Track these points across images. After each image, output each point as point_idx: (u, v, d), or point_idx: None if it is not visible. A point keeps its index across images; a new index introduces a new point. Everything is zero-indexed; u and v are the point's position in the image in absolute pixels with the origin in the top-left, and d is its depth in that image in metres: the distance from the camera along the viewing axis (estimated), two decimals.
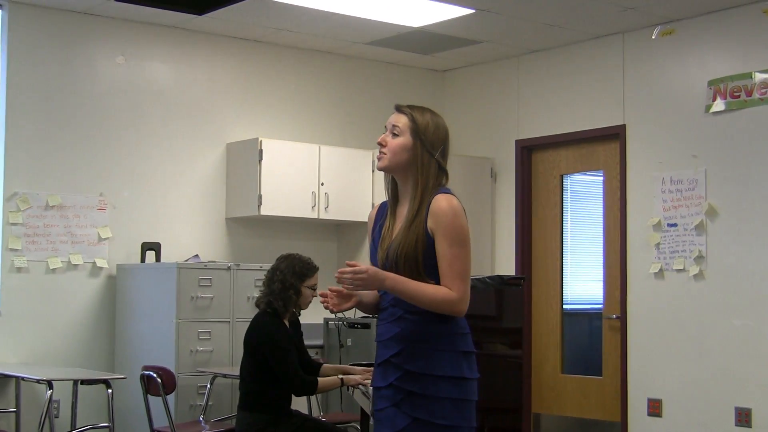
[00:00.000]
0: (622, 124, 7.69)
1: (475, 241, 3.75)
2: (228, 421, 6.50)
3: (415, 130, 3.44)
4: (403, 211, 3.45)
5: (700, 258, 7.12)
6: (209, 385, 6.72)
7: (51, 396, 6.07)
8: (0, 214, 6.97)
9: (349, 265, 3.29)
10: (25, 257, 7.03)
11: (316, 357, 7.17)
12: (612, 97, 7.77)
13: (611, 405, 7.71)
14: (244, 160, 7.74)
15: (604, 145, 7.91)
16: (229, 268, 7.09)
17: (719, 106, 7.07)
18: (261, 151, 7.61)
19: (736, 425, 6.87)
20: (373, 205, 3.59)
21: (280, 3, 7.08)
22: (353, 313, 7.21)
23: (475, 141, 8.72)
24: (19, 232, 7.02)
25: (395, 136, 3.46)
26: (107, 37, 7.47)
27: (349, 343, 7.46)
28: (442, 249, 3.32)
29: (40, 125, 7.17)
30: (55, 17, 7.23)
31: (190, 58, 7.83)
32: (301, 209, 7.79)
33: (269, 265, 5.64)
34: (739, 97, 6.96)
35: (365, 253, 3.65)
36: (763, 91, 6.83)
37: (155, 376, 6.07)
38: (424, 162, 3.43)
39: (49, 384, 6.06)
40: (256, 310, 5.58)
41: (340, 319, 7.48)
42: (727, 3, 6.99)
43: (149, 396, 6.19)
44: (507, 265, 8.40)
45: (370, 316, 3.66)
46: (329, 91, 8.50)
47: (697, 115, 7.21)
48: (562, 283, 8.19)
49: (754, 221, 6.89)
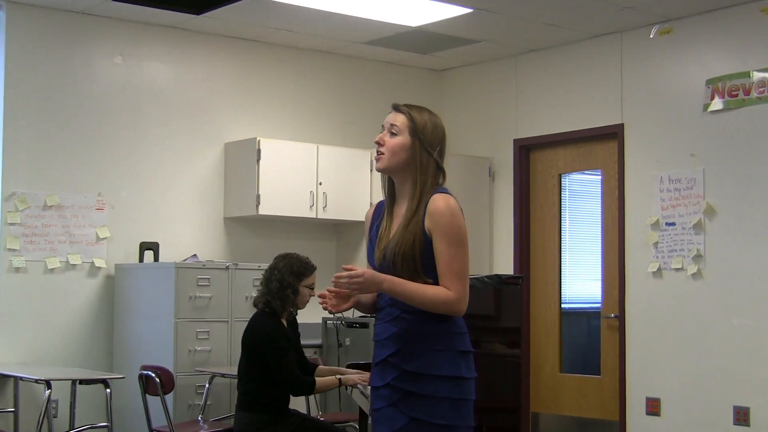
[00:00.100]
0: (621, 123, 7.69)
1: (473, 241, 3.75)
2: (226, 420, 6.49)
3: (414, 129, 3.42)
4: (401, 210, 3.43)
5: (698, 257, 7.12)
6: (208, 385, 6.72)
7: (49, 396, 6.08)
8: None
9: (345, 269, 3.28)
10: (24, 257, 7.03)
11: (314, 357, 7.17)
12: (610, 96, 7.77)
13: (610, 404, 7.71)
14: (243, 159, 7.74)
15: (603, 144, 7.91)
16: (227, 268, 7.09)
17: (717, 105, 7.07)
18: (259, 150, 7.60)
19: (735, 424, 6.87)
20: (371, 204, 3.59)
21: (279, 3, 7.07)
22: (352, 313, 7.19)
23: (473, 140, 8.72)
24: (18, 232, 7.02)
25: (393, 135, 3.43)
26: (106, 37, 7.46)
27: (348, 343, 7.46)
28: (440, 249, 3.31)
29: (38, 125, 7.16)
30: (53, 17, 7.23)
31: (188, 58, 7.83)
32: (300, 209, 7.79)
33: (267, 265, 5.64)
34: (737, 96, 6.96)
35: (363, 253, 3.65)
36: (761, 90, 6.83)
37: (154, 375, 6.06)
38: (423, 161, 3.41)
39: (48, 384, 6.06)
40: (255, 309, 5.58)
41: (339, 318, 7.47)
42: (725, 2, 6.99)
43: (148, 396, 6.19)
44: (505, 265, 8.40)
45: (369, 315, 3.65)
46: (327, 90, 8.50)
47: (695, 114, 7.21)
48: (561, 282, 8.19)
49: (753, 220, 6.89)
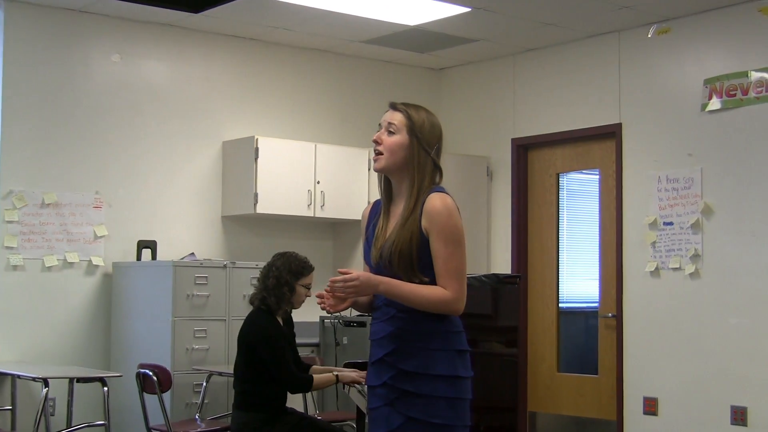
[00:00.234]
0: (618, 122, 7.69)
1: (471, 240, 3.75)
2: (224, 419, 6.49)
3: (412, 127, 3.41)
4: (398, 210, 3.42)
5: (696, 256, 7.12)
6: (205, 383, 6.72)
7: (47, 394, 6.08)
8: None
9: (340, 272, 3.27)
10: (21, 255, 7.03)
11: (312, 356, 7.17)
12: (608, 95, 7.77)
13: (607, 403, 7.71)
14: (240, 158, 7.73)
15: (600, 143, 7.91)
16: (225, 267, 7.08)
17: (715, 104, 7.07)
18: (257, 149, 7.60)
19: (732, 424, 6.87)
20: (369, 203, 3.60)
21: (277, 1, 7.07)
22: (349, 312, 7.16)
23: (471, 139, 8.72)
24: (15, 230, 7.02)
25: (391, 133, 3.42)
26: (103, 35, 7.46)
27: (345, 342, 7.46)
28: (437, 248, 3.30)
29: (36, 123, 7.16)
30: (51, 15, 7.22)
31: (186, 57, 7.83)
32: (297, 207, 7.78)
33: (265, 264, 5.64)
34: (735, 95, 6.96)
35: (361, 252, 3.64)
36: (759, 89, 6.83)
37: (151, 374, 6.07)
38: (420, 160, 3.40)
39: (45, 382, 6.06)
40: (251, 308, 5.57)
41: (336, 317, 7.47)
42: (723, 2, 6.99)
43: (145, 394, 6.19)
44: (503, 264, 8.40)
45: (366, 314, 3.65)
46: (325, 89, 8.49)
47: (693, 113, 7.21)
48: (558, 281, 8.19)
49: (750, 220, 6.89)
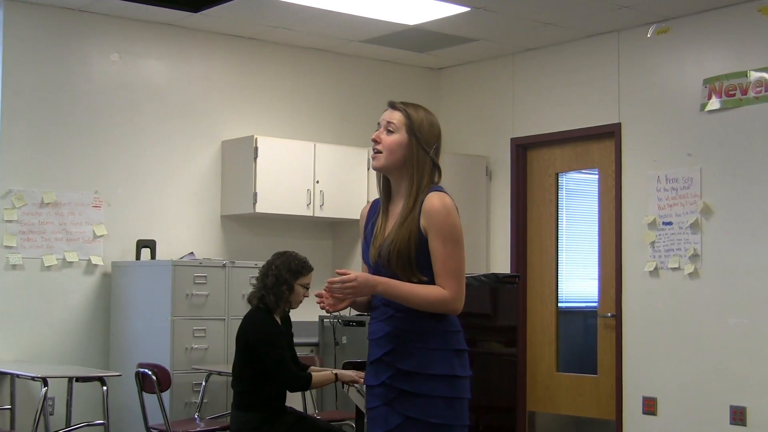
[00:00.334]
0: (618, 122, 7.69)
1: (470, 239, 3.75)
2: (223, 418, 6.49)
3: (410, 126, 3.40)
4: (397, 209, 3.42)
5: (695, 256, 7.12)
6: (204, 383, 6.73)
7: (46, 393, 6.08)
8: None
9: (338, 273, 3.27)
10: (21, 254, 7.03)
11: (311, 355, 7.17)
12: (607, 95, 7.77)
13: (606, 403, 7.71)
14: (240, 157, 7.73)
15: (600, 143, 7.91)
16: (224, 266, 7.08)
17: (714, 104, 7.07)
18: (256, 148, 7.60)
19: (731, 423, 6.87)
20: (368, 202, 3.60)
21: (276, 1, 7.07)
22: (348, 312, 7.18)
23: (470, 139, 8.72)
24: (15, 229, 7.02)
25: (390, 132, 3.41)
26: (102, 34, 7.46)
27: (344, 341, 7.46)
28: (436, 248, 3.30)
29: (35, 122, 7.16)
30: (50, 14, 7.22)
31: (185, 56, 7.83)
32: (297, 207, 7.79)
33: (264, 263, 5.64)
34: (734, 95, 6.96)
35: (360, 251, 3.64)
36: (759, 89, 6.83)
37: (150, 373, 6.06)
38: (419, 159, 3.40)
39: (44, 381, 6.06)
40: (249, 307, 5.56)
41: (335, 317, 7.47)
42: (722, 1, 6.99)
43: (144, 393, 6.19)
44: (502, 263, 8.40)
45: (365, 314, 3.64)
46: (324, 88, 8.49)
47: (692, 113, 7.21)
48: (557, 281, 8.19)
49: (750, 220, 6.89)
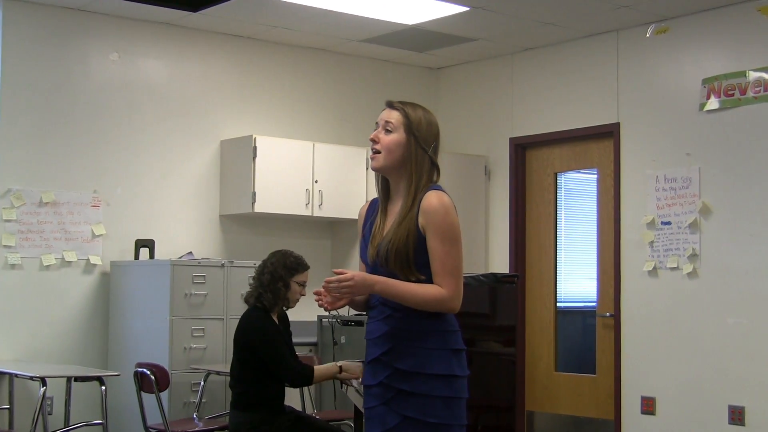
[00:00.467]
0: (617, 122, 7.69)
1: (469, 239, 3.76)
2: (221, 418, 6.49)
3: (409, 126, 3.40)
4: (395, 208, 3.42)
5: (693, 256, 7.12)
6: (203, 383, 6.72)
7: (44, 393, 6.07)
8: None
9: (336, 273, 3.27)
10: (19, 254, 7.02)
11: (310, 355, 7.17)
12: (606, 95, 7.77)
13: (605, 403, 7.71)
14: (238, 157, 7.73)
15: (598, 143, 7.91)
16: (222, 266, 7.08)
17: (713, 104, 7.07)
18: (255, 148, 7.60)
19: (730, 423, 6.87)
20: (366, 201, 3.60)
21: (274, 0, 7.07)
22: (347, 311, 7.18)
23: (469, 139, 8.72)
24: (13, 228, 7.01)
25: (388, 132, 3.41)
26: (102, 33, 7.46)
27: (343, 341, 7.45)
28: (434, 246, 3.30)
29: (34, 122, 7.16)
30: (49, 14, 7.22)
31: (184, 55, 7.82)
32: (295, 206, 7.78)
33: None
34: (733, 95, 6.96)
35: (358, 251, 3.64)
36: (758, 89, 6.83)
37: (149, 373, 6.06)
38: (418, 158, 3.39)
39: (43, 381, 6.06)
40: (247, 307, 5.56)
41: (334, 316, 7.47)
42: (721, 1, 6.99)
43: (143, 393, 6.18)
44: (501, 263, 8.40)
45: (363, 313, 3.64)
46: (323, 88, 8.49)
47: (691, 113, 7.21)
48: (556, 280, 8.19)
49: (748, 219, 6.89)
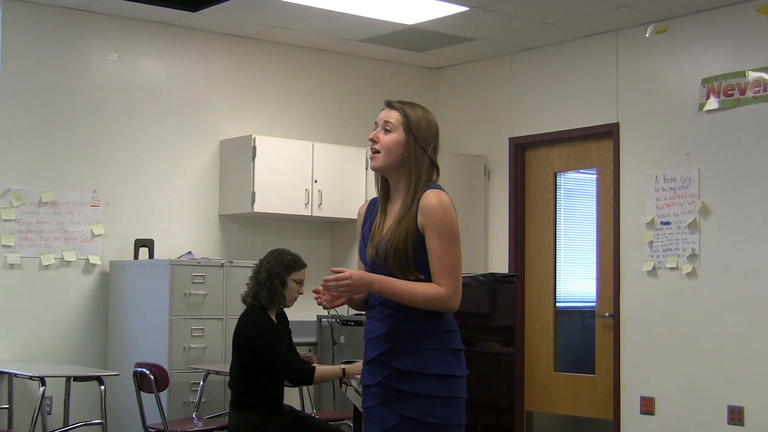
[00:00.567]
0: (616, 122, 7.69)
1: (468, 239, 3.76)
2: (221, 418, 6.49)
3: (408, 125, 3.40)
4: (395, 208, 3.42)
5: (693, 256, 7.12)
6: (202, 382, 6.72)
7: (44, 392, 6.07)
8: None
9: (334, 271, 3.27)
10: (18, 254, 7.02)
11: (309, 354, 7.17)
12: (605, 95, 7.77)
13: (604, 403, 7.71)
14: (238, 157, 7.73)
15: (598, 143, 7.91)
16: (222, 265, 7.08)
17: (713, 104, 7.07)
18: (254, 148, 7.60)
19: (729, 423, 6.87)
20: (366, 201, 3.60)
21: (274, 0, 7.07)
22: (346, 311, 7.20)
23: (468, 139, 8.72)
24: (13, 228, 7.01)
25: (387, 132, 3.41)
26: (101, 33, 7.46)
27: (342, 341, 7.45)
28: (433, 245, 3.30)
29: (33, 121, 7.16)
30: (48, 13, 7.22)
31: (183, 55, 7.82)
32: (295, 206, 7.78)
33: None
34: (732, 95, 6.96)
35: (358, 251, 3.63)
36: (757, 89, 6.83)
37: (148, 373, 6.06)
38: (417, 158, 3.40)
39: (42, 380, 6.05)
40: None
41: (333, 316, 7.47)
42: (721, 1, 6.99)
43: (142, 393, 6.19)
44: (500, 263, 8.40)
45: (362, 312, 3.63)
46: (323, 88, 8.49)
47: (690, 113, 7.21)
48: (556, 280, 8.19)
49: (748, 220, 6.89)
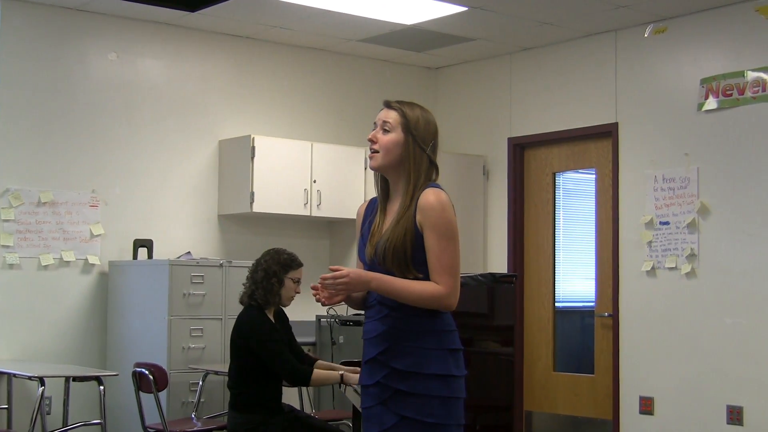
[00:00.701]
0: (615, 122, 7.69)
1: (467, 239, 3.76)
2: (220, 418, 6.49)
3: (407, 125, 3.41)
4: (394, 207, 3.42)
5: (692, 256, 7.13)
6: (201, 382, 6.72)
7: (43, 393, 6.06)
8: None
9: (331, 269, 3.27)
10: (17, 254, 7.02)
11: (308, 353, 7.16)
12: (604, 95, 7.77)
13: (603, 403, 7.71)
14: (237, 157, 7.73)
15: (597, 143, 7.91)
16: (221, 265, 7.08)
17: (712, 104, 7.08)
18: (253, 148, 7.60)
19: (728, 423, 6.87)
20: (365, 201, 3.61)
21: (273, 0, 7.06)
22: (345, 311, 7.21)
23: (467, 138, 8.72)
24: (11, 228, 7.01)
25: (386, 132, 3.42)
26: (100, 33, 7.45)
27: (341, 341, 7.46)
28: (431, 243, 3.30)
29: (32, 121, 7.15)
30: (47, 13, 7.22)
31: (182, 55, 7.82)
32: (294, 206, 7.78)
33: None
34: (731, 95, 6.96)
35: (357, 251, 3.64)
36: (756, 89, 6.84)
37: (147, 373, 6.06)
38: (416, 157, 3.40)
39: (41, 381, 6.05)
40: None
41: (332, 316, 7.47)
42: (719, 1, 6.99)
43: (141, 393, 6.19)
44: (499, 263, 8.40)
45: (360, 311, 3.64)
46: (322, 88, 8.49)
47: (689, 113, 7.21)
48: (554, 280, 8.19)
49: (747, 219, 6.89)
